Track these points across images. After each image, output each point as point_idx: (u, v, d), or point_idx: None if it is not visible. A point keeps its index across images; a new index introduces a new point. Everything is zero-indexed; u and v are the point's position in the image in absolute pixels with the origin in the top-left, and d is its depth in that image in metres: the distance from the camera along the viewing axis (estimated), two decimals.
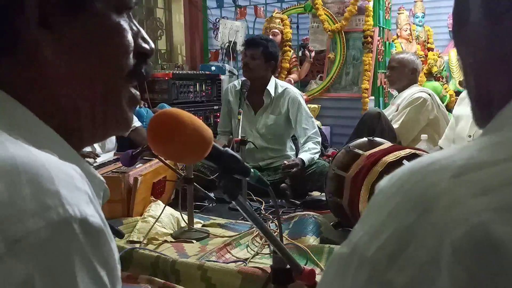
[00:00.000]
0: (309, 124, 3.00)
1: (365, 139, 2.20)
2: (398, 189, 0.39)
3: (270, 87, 3.03)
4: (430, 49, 5.06)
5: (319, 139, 3.01)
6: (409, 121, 3.20)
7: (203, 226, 2.17)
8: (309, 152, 2.89)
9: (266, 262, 1.72)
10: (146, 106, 3.65)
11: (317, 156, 2.94)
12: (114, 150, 3.07)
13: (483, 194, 0.35)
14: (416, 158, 0.42)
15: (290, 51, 4.69)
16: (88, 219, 0.39)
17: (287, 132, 3.15)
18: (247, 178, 0.93)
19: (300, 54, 4.90)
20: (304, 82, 4.79)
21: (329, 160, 2.96)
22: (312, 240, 1.91)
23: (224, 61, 4.95)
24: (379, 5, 4.26)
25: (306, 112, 3.03)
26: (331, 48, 4.52)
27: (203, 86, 4.27)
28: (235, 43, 4.81)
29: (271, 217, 2.26)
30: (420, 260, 0.35)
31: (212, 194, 2.38)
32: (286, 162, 2.79)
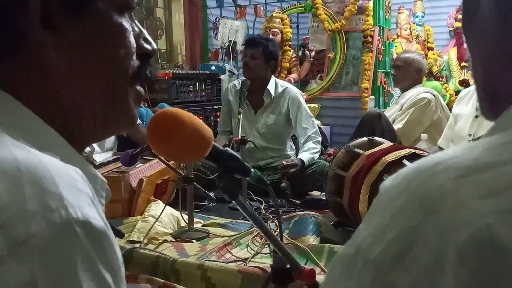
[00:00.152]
0: (309, 123, 2.99)
1: (365, 139, 2.19)
2: (403, 189, 0.39)
3: (270, 87, 3.03)
4: (430, 48, 5.05)
5: (319, 139, 3.00)
6: (412, 121, 3.18)
7: (203, 225, 2.17)
8: (309, 152, 2.89)
9: (266, 262, 1.72)
10: (146, 105, 3.65)
11: (317, 155, 2.93)
12: (113, 149, 3.06)
13: (489, 196, 0.35)
14: (416, 158, 0.41)
15: (290, 51, 4.69)
16: (90, 222, 0.39)
17: (287, 131, 3.15)
18: (247, 178, 0.93)
19: (300, 53, 4.90)
20: (304, 81, 4.78)
21: (330, 159, 2.95)
22: (312, 239, 1.91)
23: (224, 60, 4.94)
24: (379, 4, 4.25)
25: (306, 111, 3.03)
26: (331, 47, 4.52)
27: (203, 85, 4.26)
28: (235, 43, 4.80)
29: (271, 216, 2.26)
30: (424, 261, 0.35)
31: (212, 194, 2.38)
32: (285, 162, 2.78)
